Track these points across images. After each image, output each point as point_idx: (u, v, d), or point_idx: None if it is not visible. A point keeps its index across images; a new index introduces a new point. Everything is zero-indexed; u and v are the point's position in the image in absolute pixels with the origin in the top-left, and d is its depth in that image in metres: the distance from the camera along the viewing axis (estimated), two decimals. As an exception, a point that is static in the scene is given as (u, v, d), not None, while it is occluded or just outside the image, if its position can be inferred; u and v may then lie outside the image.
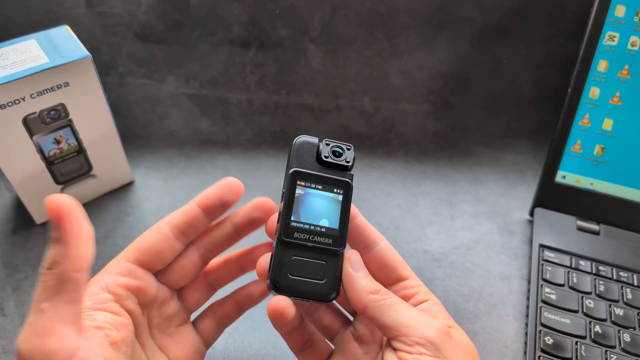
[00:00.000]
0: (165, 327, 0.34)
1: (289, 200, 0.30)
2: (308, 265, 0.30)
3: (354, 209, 0.32)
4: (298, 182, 0.31)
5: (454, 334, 0.29)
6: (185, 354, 0.34)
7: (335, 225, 0.31)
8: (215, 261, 0.36)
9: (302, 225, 0.30)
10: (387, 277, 0.32)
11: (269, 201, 0.33)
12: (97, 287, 0.30)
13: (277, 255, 0.30)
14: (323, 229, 0.31)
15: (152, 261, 0.32)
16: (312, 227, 0.30)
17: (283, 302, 0.29)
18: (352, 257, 0.31)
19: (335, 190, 0.32)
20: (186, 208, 0.32)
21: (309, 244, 0.30)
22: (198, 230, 0.33)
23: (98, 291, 0.30)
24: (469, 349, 0.30)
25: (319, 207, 0.31)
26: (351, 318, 0.35)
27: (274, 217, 0.32)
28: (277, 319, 0.29)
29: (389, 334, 0.28)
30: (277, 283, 0.29)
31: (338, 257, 0.31)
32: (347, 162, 0.32)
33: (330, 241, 0.31)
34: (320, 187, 0.31)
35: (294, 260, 0.30)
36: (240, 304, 0.36)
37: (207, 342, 0.36)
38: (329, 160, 0.32)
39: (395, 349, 0.28)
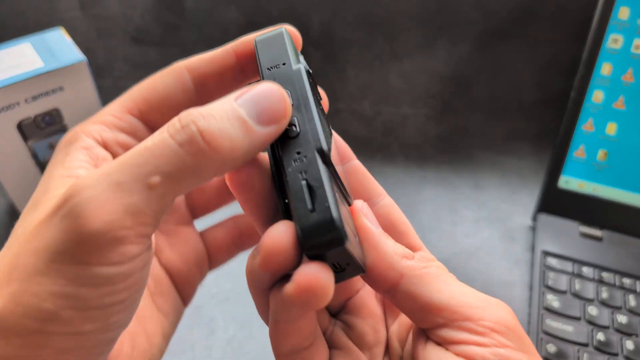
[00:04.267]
0: (161, 222, 0.26)
1: (315, 104, 0.21)
2: (345, 211, 0.21)
3: (348, 148, 0.26)
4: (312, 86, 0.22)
5: None
6: (181, 261, 0.27)
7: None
8: None
9: (327, 140, 0.21)
10: None
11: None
12: (89, 139, 0.23)
13: (327, 182, 0.19)
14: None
15: (162, 120, 0.23)
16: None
17: (327, 273, 0.18)
18: (365, 209, 0.22)
19: (326, 119, 0.24)
20: (219, 54, 0.24)
21: (339, 177, 0.21)
22: (227, 87, 0.25)
23: (92, 145, 0.23)
24: None
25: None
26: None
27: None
28: (316, 297, 0.18)
29: (439, 318, 0.20)
30: (342, 226, 0.18)
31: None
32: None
33: (345, 185, 0.22)
34: (320, 107, 0.24)
35: (338, 197, 0.20)
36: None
37: (214, 260, 0.29)
38: (313, 78, 0.25)
39: (447, 341, 0.20)
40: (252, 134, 0.19)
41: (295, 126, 0.20)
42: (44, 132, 0.45)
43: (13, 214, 0.51)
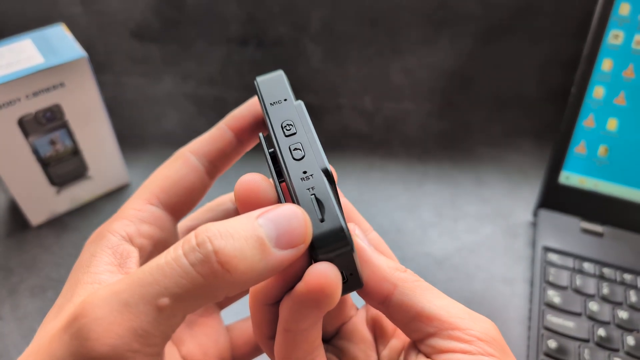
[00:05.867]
0: None
1: (314, 131, 0.23)
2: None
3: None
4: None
5: None
6: (203, 354, 0.26)
7: None
8: None
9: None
10: None
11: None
12: (116, 237, 0.23)
13: (334, 197, 0.21)
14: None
15: (181, 203, 0.25)
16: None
17: (335, 271, 0.19)
18: (357, 231, 0.23)
19: None
20: (215, 132, 0.26)
21: (338, 197, 0.23)
22: (231, 160, 0.26)
23: (119, 242, 0.23)
24: None
25: None
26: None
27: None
28: (326, 295, 0.19)
29: (430, 327, 0.21)
30: (350, 237, 0.20)
31: None
32: None
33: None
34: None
35: (341, 210, 0.21)
36: None
37: (239, 353, 0.28)
38: None
39: (436, 351, 0.21)
40: (269, 257, 0.18)
41: (300, 150, 0.22)
42: (44, 128, 0.45)
43: (14, 210, 0.51)
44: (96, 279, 0.21)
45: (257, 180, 0.21)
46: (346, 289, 0.22)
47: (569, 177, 0.50)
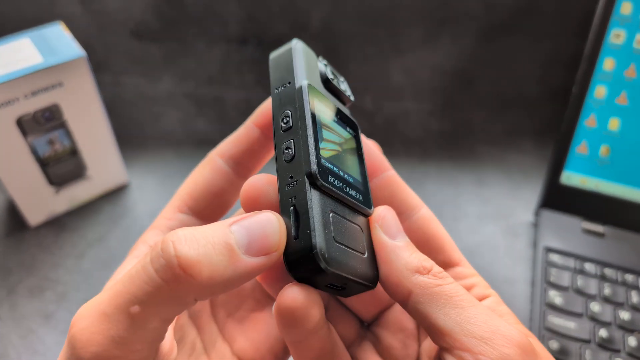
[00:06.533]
0: (234, 309, 0.26)
1: (312, 124, 0.20)
2: (349, 229, 0.20)
3: (383, 160, 0.25)
4: (312, 105, 0.21)
5: (537, 348, 0.20)
6: (255, 350, 0.25)
7: (357, 175, 0.22)
8: None
9: (332, 167, 0.21)
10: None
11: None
12: (145, 246, 0.24)
13: (314, 208, 0.19)
14: (350, 178, 0.21)
15: (211, 208, 0.25)
16: (342, 173, 0.21)
17: (305, 293, 0.19)
18: (385, 217, 0.22)
19: (348, 129, 0.23)
20: (242, 132, 0.25)
21: (344, 195, 0.20)
22: (262, 158, 0.25)
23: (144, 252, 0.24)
24: None
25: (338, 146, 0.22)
26: (365, 325, 0.27)
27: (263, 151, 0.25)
28: (296, 318, 0.19)
29: (443, 342, 0.19)
30: (327, 252, 0.18)
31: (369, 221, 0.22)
32: (349, 95, 0.25)
33: (361, 197, 0.21)
34: (335, 119, 0.23)
35: (333, 219, 0.19)
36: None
37: None
38: (334, 84, 0.24)
39: None
40: (237, 263, 0.18)
41: (291, 149, 0.20)
42: (43, 127, 0.45)
43: (12, 210, 0.51)
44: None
45: (259, 183, 0.20)
46: (351, 291, 0.21)
47: (570, 177, 0.50)
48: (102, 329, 0.18)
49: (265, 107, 0.25)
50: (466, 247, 0.50)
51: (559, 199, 0.51)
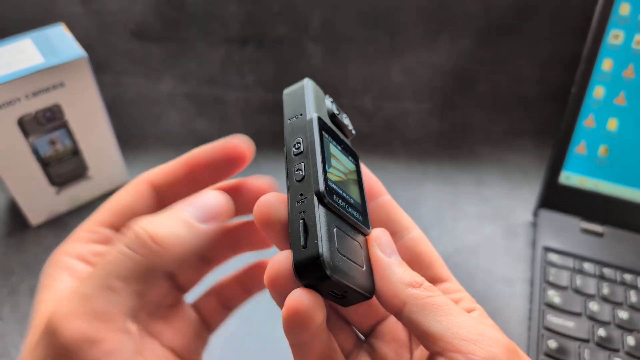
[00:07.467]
0: (154, 308, 0.28)
1: (321, 150, 0.23)
2: (350, 244, 0.23)
3: (379, 185, 0.27)
4: (321, 134, 0.24)
5: (521, 353, 0.22)
6: (182, 337, 0.28)
7: (357, 198, 0.25)
8: None
9: (337, 188, 0.23)
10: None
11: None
12: (68, 258, 0.26)
13: (321, 221, 0.21)
14: (352, 200, 0.24)
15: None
16: (345, 194, 0.24)
17: (310, 296, 0.20)
18: (381, 238, 0.24)
19: (350, 158, 0.26)
20: (170, 165, 0.27)
21: (346, 213, 0.23)
22: (181, 194, 0.27)
23: (72, 263, 0.25)
24: None
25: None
26: (362, 337, 0.29)
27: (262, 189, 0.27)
28: (302, 318, 0.20)
29: (435, 347, 0.21)
30: (332, 260, 0.21)
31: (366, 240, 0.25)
32: (351, 129, 0.28)
33: (360, 217, 0.24)
34: (339, 148, 0.25)
35: (337, 233, 0.22)
36: (247, 287, 0.31)
37: (211, 325, 0.31)
38: (339, 119, 0.27)
39: None
40: (195, 230, 0.23)
41: (301, 170, 0.23)
42: (44, 128, 0.45)
43: (14, 210, 0.51)
44: (56, 296, 0.24)
45: (270, 202, 0.23)
46: (349, 301, 0.23)
47: (569, 177, 0.50)
48: (83, 307, 0.21)
49: (198, 153, 0.27)
50: (465, 247, 0.51)
51: (557, 198, 0.51)
